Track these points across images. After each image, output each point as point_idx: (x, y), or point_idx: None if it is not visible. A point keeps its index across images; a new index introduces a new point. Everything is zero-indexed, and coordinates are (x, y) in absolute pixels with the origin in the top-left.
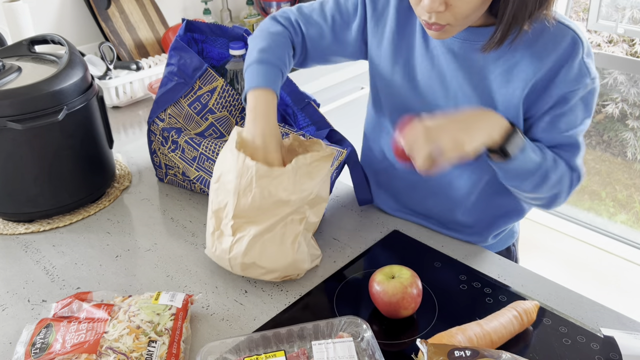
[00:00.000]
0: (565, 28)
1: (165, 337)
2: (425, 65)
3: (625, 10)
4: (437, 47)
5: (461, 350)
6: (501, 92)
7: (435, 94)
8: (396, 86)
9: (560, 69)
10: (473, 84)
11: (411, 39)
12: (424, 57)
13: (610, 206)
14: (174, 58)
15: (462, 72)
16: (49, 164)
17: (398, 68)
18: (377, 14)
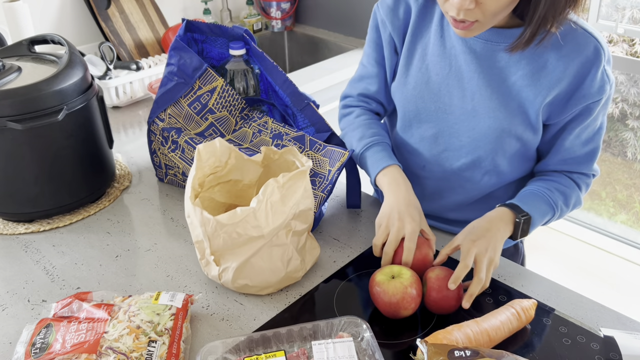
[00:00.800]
0: (588, 36)
1: (165, 337)
2: (441, 66)
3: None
4: (456, 47)
5: (461, 350)
6: (523, 94)
7: (451, 94)
8: (410, 87)
9: (584, 80)
10: (493, 85)
11: (426, 39)
12: (440, 57)
13: (610, 206)
14: (174, 58)
15: (482, 73)
16: (49, 164)
17: (413, 69)
18: (399, 23)
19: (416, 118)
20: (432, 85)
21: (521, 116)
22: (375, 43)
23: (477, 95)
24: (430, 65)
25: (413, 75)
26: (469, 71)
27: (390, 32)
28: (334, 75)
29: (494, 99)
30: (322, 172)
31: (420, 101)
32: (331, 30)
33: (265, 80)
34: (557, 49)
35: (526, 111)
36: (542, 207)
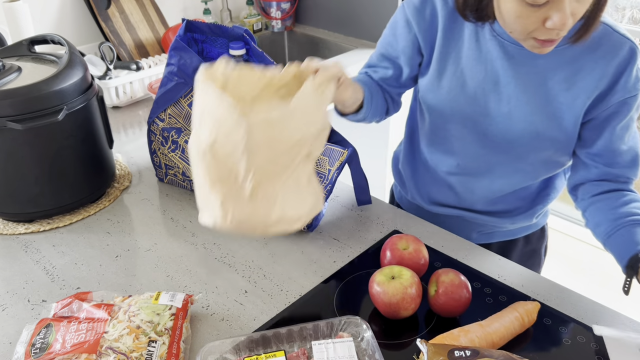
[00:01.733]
0: (623, 38)
1: (165, 337)
2: (477, 70)
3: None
4: (492, 52)
5: (461, 350)
6: (561, 98)
7: (487, 98)
8: (444, 90)
9: (619, 77)
10: (529, 90)
11: (460, 43)
12: (476, 62)
13: None
14: (174, 58)
15: (519, 79)
16: (49, 164)
17: (447, 72)
18: (425, 25)
19: (451, 120)
20: (468, 89)
21: (557, 120)
22: (394, 37)
23: (514, 100)
24: (465, 70)
25: (447, 78)
26: (505, 76)
27: (416, 32)
28: None
29: (531, 103)
30: (322, 171)
31: (455, 104)
32: (331, 30)
33: None
34: (593, 51)
35: (562, 115)
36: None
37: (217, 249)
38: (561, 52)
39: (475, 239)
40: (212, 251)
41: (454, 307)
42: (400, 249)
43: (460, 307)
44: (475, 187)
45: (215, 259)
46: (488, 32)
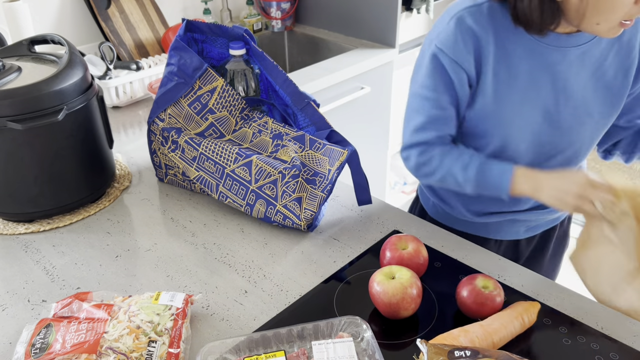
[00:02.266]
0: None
1: (165, 337)
2: (544, 81)
3: None
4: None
5: (461, 350)
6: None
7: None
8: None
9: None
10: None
11: (515, 62)
12: (537, 74)
13: None
14: (174, 58)
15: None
16: (49, 164)
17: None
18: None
19: (517, 135)
20: (534, 100)
21: (613, 99)
22: (447, 86)
23: (582, 95)
24: (529, 85)
25: (512, 95)
26: (569, 79)
27: (466, 70)
28: (334, 75)
29: (597, 89)
30: (322, 171)
31: (522, 119)
32: (331, 30)
33: (265, 80)
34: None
35: (622, 96)
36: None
37: (217, 249)
38: (599, 40)
39: (523, 234)
40: (212, 251)
41: (477, 312)
42: (400, 249)
43: (485, 313)
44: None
45: (215, 259)
46: (535, 42)
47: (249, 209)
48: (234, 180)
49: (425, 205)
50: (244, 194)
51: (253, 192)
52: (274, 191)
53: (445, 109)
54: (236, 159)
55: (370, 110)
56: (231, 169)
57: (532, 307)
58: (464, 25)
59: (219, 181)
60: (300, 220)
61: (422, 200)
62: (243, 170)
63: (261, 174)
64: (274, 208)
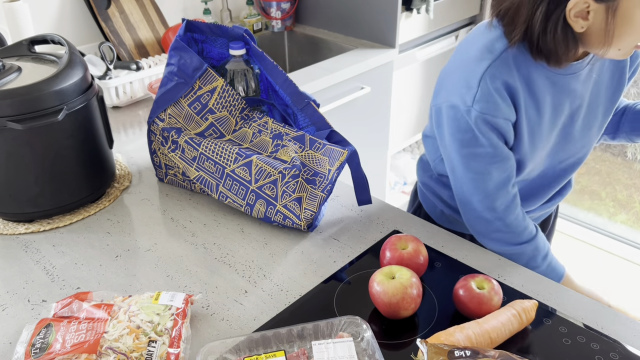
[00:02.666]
0: None
1: (165, 337)
2: (564, 107)
3: None
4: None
5: (461, 350)
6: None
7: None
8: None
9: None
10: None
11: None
12: (559, 99)
13: (610, 206)
14: (174, 58)
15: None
16: (49, 164)
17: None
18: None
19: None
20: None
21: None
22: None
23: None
24: (552, 112)
25: (542, 128)
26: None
27: (511, 120)
28: (334, 75)
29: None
30: (322, 171)
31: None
32: (331, 30)
33: (265, 80)
34: None
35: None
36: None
37: (217, 249)
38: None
39: None
40: (212, 251)
41: (474, 313)
42: (400, 249)
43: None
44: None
45: (215, 259)
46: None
47: (249, 209)
48: (234, 180)
49: (431, 211)
50: (244, 194)
51: (253, 192)
52: (274, 191)
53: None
54: (236, 159)
55: (370, 110)
56: (231, 169)
57: (530, 305)
58: (497, 84)
59: (219, 181)
60: (300, 220)
61: (427, 206)
62: (243, 170)
63: (261, 174)
64: (274, 208)
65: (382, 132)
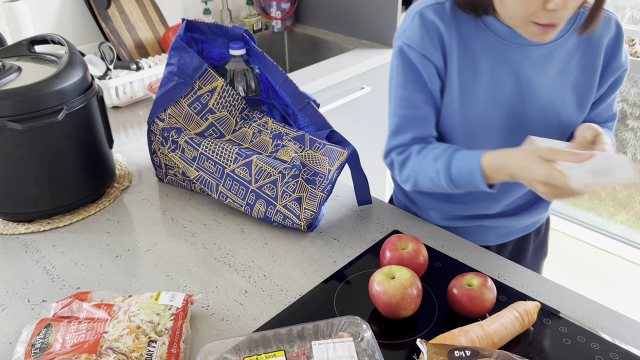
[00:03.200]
0: (609, 13)
1: (165, 337)
2: (505, 77)
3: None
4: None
5: (461, 350)
6: (582, 82)
7: (521, 102)
8: (477, 107)
9: (615, 54)
10: (555, 84)
11: (479, 58)
12: (500, 70)
13: (610, 206)
14: (174, 58)
15: (542, 74)
16: (49, 164)
17: (475, 91)
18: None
19: (481, 136)
20: (499, 99)
21: (579, 102)
22: (418, 83)
23: (547, 95)
24: (492, 80)
25: (477, 95)
26: (531, 79)
27: (434, 62)
28: (334, 75)
29: (558, 97)
30: (322, 171)
31: (487, 117)
32: (331, 30)
33: (265, 80)
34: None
35: (583, 96)
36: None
37: (217, 249)
38: (566, 38)
39: (493, 241)
40: (212, 251)
41: (470, 311)
42: (400, 249)
43: (478, 312)
44: (504, 193)
45: (215, 259)
46: (496, 40)
47: (249, 209)
48: (234, 180)
49: (398, 204)
50: (244, 194)
51: (253, 192)
52: (274, 191)
53: (419, 109)
54: (236, 159)
55: (370, 110)
56: (231, 169)
57: (532, 307)
58: (427, 21)
59: (219, 181)
60: (300, 220)
61: (395, 202)
62: (243, 170)
63: (261, 174)
64: (274, 208)
65: (382, 132)
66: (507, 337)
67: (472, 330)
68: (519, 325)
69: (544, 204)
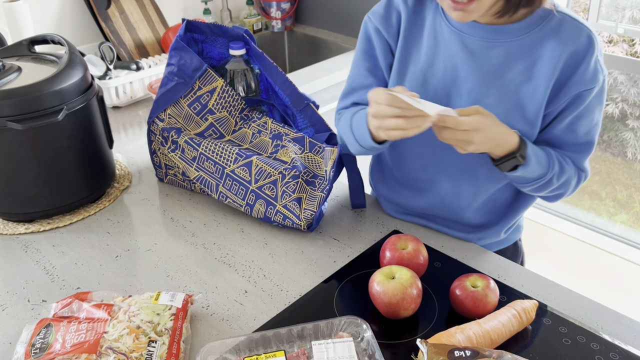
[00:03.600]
0: (581, 25)
1: (165, 337)
2: (437, 67)
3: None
4: (451, 47)
5: (461, 350)
6: (522, 90)
7: (449, 94)
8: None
9: (577, 67)
10: (489, 82)
11: (419, 43)
12: (434, 59)
13: (610, 206)
14: (174, 58)
15: (478, 71)
16: (49, 164)
17: (408, 73)
18: (393, 30)
19: None
20: (429, 87)
21: (519, 112)
22: (368, 53)
23: (474, 94)
24: (425, 68)
25: (408, 79)
26: (464, 69)
27: (386, 38)
28: (334, 75)
29: (491, 95)
30: (322, 173)
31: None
32: (331, 30)
33: (265, 81)
34: (551, 38)
35: (524, 107)
36: (542, 159)
37: (217, 249)
38: (519, 41)
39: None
40: (212, 251)
41: (472, 312)
42: (400, 249)
43: (481, 313)
44: (445, 192)
45: (215, 259)
46: (446, 28)
47: (248, 209)
48: (234, 180)
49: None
50: (243, 194)
51: (253, 192)
52: (273, 191)
53: (365, 77)
54: (236, 159)
55: None
56: (231, 169)
57: (530, 305)
58: (392, 2)
59: (218, 181)
60: (300, 220)
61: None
62: (243, 170)
63: (261, 174)
64: (273, 208)
65: None
66: (505, 334)
67: (469, 328)
68: (517, 323)
69: (495, 229)
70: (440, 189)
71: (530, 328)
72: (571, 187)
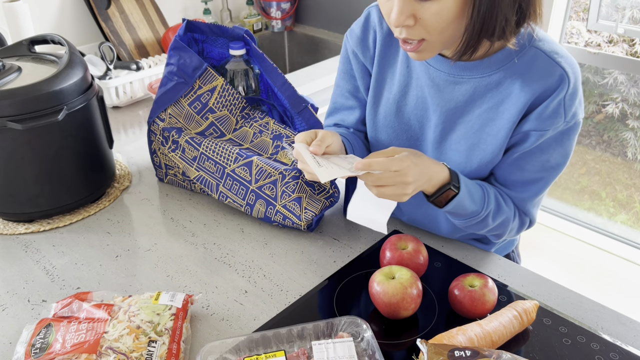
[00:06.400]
0: (555, 64)
1: (165, 337)
2: (409, 97)
3: (625, 10)
4: (420, 79)
5: (461, 350)
6: (486, 129)
7: (421, 124)
8: (380, 117)
9: (537, 106)
10: (454, 119)
11: (393, 69)
12: (407, 88)
13: (610, 206)
14: (174, 58)
15: (444, 106)
16: (49, 164)
17: (383, 99)
18: (370, 53)
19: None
20: (402, 115)
21: (481, 150)
22: (349, 74)
23: (440, 128)
24: (398, 96)
25: (383, 105)
26: (432, 104)
27: (363, 61)
28: (334, 75)
29: (457, 131)
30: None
31: (391, 131)
32: (331, 30)
33: (265, 81)
34: (521, 78)
35: (486, 146)
36: (475, 194)
37: (217, 249)
38: (487, 79)
39: None
40: (212, 251)
41: (470, 312)
42: (400, 249)
43: (479, 313)
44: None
45: (215, 259)
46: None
47: (249, 209)
48: (234, 180)
49: None
50: (244, 194)
51: (253, 192)
52: (273, 191)
53: (347, 99)
54: (236, 159)
55: None
56: (231, 169)
57: (531, 306)
58: (370, 21)
59: (219, 181)
60: (300, 221)
61: None
62: (243, 170)
63: (261, 174)
64: (273, 208)
65: None
66: (506, 335)
67: (470, 329)
68: (518, 324)
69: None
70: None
71: (531, 328)
72: (509, 230)
